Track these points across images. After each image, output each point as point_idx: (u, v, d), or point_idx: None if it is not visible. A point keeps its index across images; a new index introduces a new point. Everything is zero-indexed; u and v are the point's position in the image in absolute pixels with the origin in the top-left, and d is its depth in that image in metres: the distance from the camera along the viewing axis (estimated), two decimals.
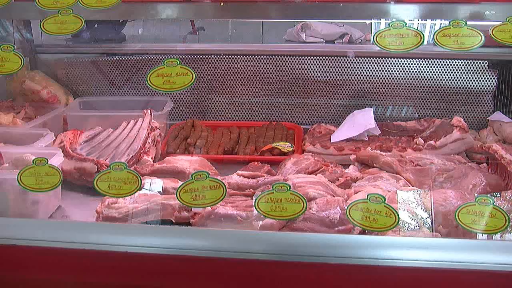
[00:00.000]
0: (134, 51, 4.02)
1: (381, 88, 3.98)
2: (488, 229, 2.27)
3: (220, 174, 2.93)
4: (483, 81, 3.94)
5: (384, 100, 3.99)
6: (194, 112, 4.07)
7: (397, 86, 3.97)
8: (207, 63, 4.01)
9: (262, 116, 4.06)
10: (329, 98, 4.00)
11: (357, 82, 3.98)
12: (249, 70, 4.01)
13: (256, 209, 2.32)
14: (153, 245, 2.24)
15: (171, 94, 3.88)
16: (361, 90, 3.98)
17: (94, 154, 3.19)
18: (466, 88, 3.95)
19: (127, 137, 3.28)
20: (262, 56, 3.99)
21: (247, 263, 2.20)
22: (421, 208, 2.49)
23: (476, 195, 2.48)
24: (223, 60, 4.01)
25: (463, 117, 3.51)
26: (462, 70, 3.93)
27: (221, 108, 4.09)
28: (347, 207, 2.30)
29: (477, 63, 3.91)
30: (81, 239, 2.25)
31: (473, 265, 2.16)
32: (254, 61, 4.00)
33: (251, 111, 4.08)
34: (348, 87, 3.99)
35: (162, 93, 3.46)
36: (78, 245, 2.23)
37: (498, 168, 2.97)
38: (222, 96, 4.06)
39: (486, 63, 3.91)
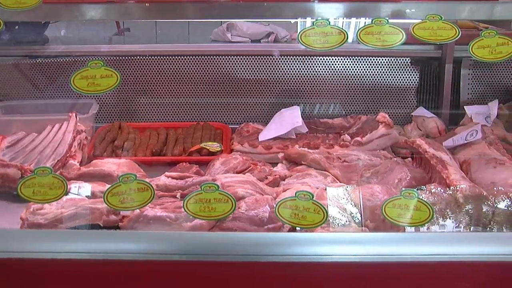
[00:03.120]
0: (57, 53, 3.93)
1: (307, 86, 4.01)
2: (414, 222, 2.32)
3: (148, 176, 2.90)
4: (406, 77, 4.02)
5: (311, 98, 4.02)
6: (121, 114, 4.02)
7: (323, 84, 4.02)
8: (133, 64, 3.96)
9: (190, 116, 4.04)
10: (256, 97, 4.01)
11: (284, 81, 4.00)
12: (175, 71, 3.98)
13: (185, 210, 2.32)
14: (80, 251, 2.20)
15: (97, 96, 3.81)
16: (288, 88, 4.01)
17: (18, 159, 3.10)
18: (390, 84, 4.03)
19: (52, 141, 3.21)
20: (188, 57, 3.97)
21: (176, 264, 2.19)
22: (350, 204, 2.53)
23: (402, 189, 2.54)
24: (149, 61, 3.97)
25: (388, 113, 3.57)
26: (386, 67, 4.00)
27: (148, 110, 4.05)
28: (276, 205, 2.32)
29: (400, 60, 4.00)
30: (4, 248, 2.20)
31: (400, 257, 2.21)
32: (181, 61, 3.97)
33: (178, 112, 4.05)
34: (275, 86, 4.01)
35: (88, 96, 3.42)
36: (1, 254, 2.18)
37: (422, 162, 3.04)
38: (149, 98, 4.01)
39: (408, 60, 3.99)
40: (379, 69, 4.00)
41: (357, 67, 4.00)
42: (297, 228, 2.39)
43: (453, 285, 2.30)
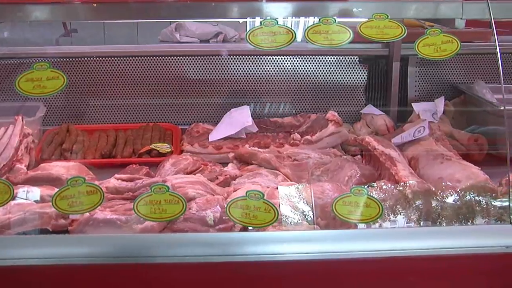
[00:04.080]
0: (1, 55, 3.86)
1: (257, 86, 4.02)
2: (364, 219, 2.35)
3: (98, 179, 2.86)
4: (354, 76, 4.06)
5: (261, 98, 4.03)
6: (69, 116, 3.96)
7: (272, 83, 4.03)
8: (81, 65, 3.91)
9: (139, 118, 4.00)
10: (206, 98, 3.99)
11: (233, 81, 4.00)
12: (124, 72, 3.94)
13: (136, 212, 2.30)
14: (29, 256, 2.17)
15: (43, 98, 3.75)
16: (238, 88, 4.01)
17: None
18: (339, 83, 4.06)
19: None
20: (137, 58, 3.93)
21: (127, 267, 2.18)
22: (301, 202, 2.54)
23: (352, 186, 2.56)
24: (97, 63, 3.92)
25: (337, 111, 3.60)
26: (335, 65, 4.04)
27: (97, 112, 4.00)
28: (227, 205, 2.32)
29: (348, 58, 4.03)
30: None
31: (351, 254, 2.24)
32: (129, 62, 3.94)
33: (127, 113, 4.01)
34: (225, 86, 4.01)
35: (34, 98, 3.36)
36: None
37: (371, 159, 3.07)
38: (98, 99, 3.96)
39: (356, 58, 4.03)
40: (327, 68, 4.03)
41: (306, 66, 4.02)
42: (249, 228, 2.38)
43: (404, 280, 2.34)
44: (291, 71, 4.02)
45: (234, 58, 3.97)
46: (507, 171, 2.56)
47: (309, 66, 4.02)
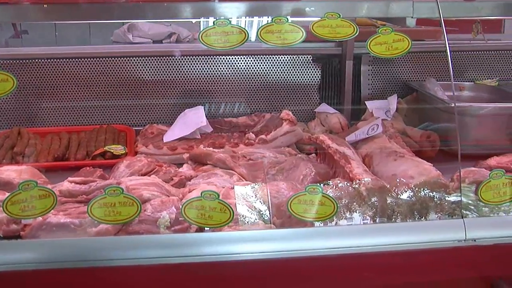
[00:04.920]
0: None
1: (211, 86, 4.01)
2: (319, 217, 2.36)
3: (51, 182, 2.82)
4: (308, 75, 4.08)
5: (215, 98, 4.02)
6: (20, 119, 3.89)
7: (226, 83, 4.02)
8: (32, 67, 3.84)
9: (93, 120, 3.96)
10: (159, 98, 3.97)
11: (187, 81, 3.99)
12: (76, 74, 3.89)
13: (90, 215, 2.28)
14: None
15: None
16: (192, 88, 4.00)
17: None
18: (293, 82, 4.08)
19: None
20: (89, 59, 3.89)
21: (83, 271, 2.15)
22: (258, 202, 2.54)
23: (307, 184, 2.58)
24: (49, 64, 3.87)
25: (292, 110, 3.61)
26: (288, 65, 4.05)
27: (49, 114, 3.94)
28: (182, 206, 2.31)
29: (301, 58, 4.05)
30: None
31: (306, 252, 2.25)
32: (82, 64, 3.89)
33: (80, 115, 3.96)
34: (178, 87, 3.99)
35: None
36: None
37: (326, 157, 3.08)
38: (50, 102, 3.91)
39: (310, 57, 4.06)
40: (281, 67, 4.05)
41: (260, 65, 4.03)
42: (205, 228, 2.38)
43: (360, 276, 2.36)
44: (245, 71, 4.03)
45: (188, 59, 3.96)
46: (458, 166, 2.60)
47: (263, 65, 4.03)
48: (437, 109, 3.54)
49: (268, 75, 4.05)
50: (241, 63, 4.02)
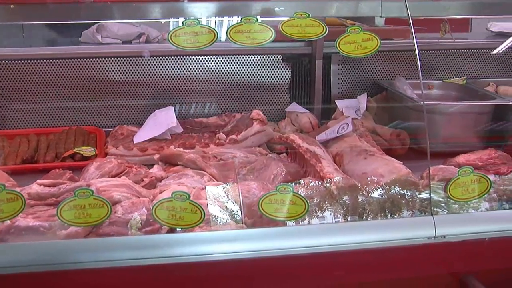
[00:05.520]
0: None
1: (181, 86, 4.00)
2: (290, 216, 2.37)
3: (19, 185, 2.78)
4: (278, 74, 4.09)
5: (185, 98, 4.01)
6: None
7: (196, 83, 4.01)
8: None
9: (62, 121, 3.92)
10: (129, 99, 3.95)
11: (157, 82, 3.97)
12: (44, 75, 3.84)
13: (59, 218, 2.25)
14: None
15: None
16: (161, 89, 3.98)
17: None
18: (263, 82, 4.08)
19: None
20: (57, 60, 3.85)
21: (52, 274, 2.14)
22: (231, 202, 2.54)
23: (278, 184, 2.58)
24: (16, 65, 3.82)
25: (262, 110, 3.61)
26: (258, 64, 4.05)
27: (17, 116, 3.89)
28: (153, 207, 2.30)
29: (271, 57, 4.06)
30: None
31: (278, 251, 2.26)
32: (50, 65, 3.85)
33: (49, 117, 3.92)
34: (148, 87, 3.97)
35: None
36: None
37: (296, 156, 3.09)
38: (18, 103, 3.86)
39: (280, 57, 4.06)
40: (251, 67, 4.05)
41: (230, 65, 4.02)
42: (177, 229, 2.37)
43: (332, 274, 2.37)
44: (215, 71, 4.02)
45: (157, 59, 3.94)
46: (427, 164, 2.63)
47: (233, 65, 4.03)
48: (407, 107, 3.57)
49: (238, 75, 4.05)
50: (211, 63, 4.01)
